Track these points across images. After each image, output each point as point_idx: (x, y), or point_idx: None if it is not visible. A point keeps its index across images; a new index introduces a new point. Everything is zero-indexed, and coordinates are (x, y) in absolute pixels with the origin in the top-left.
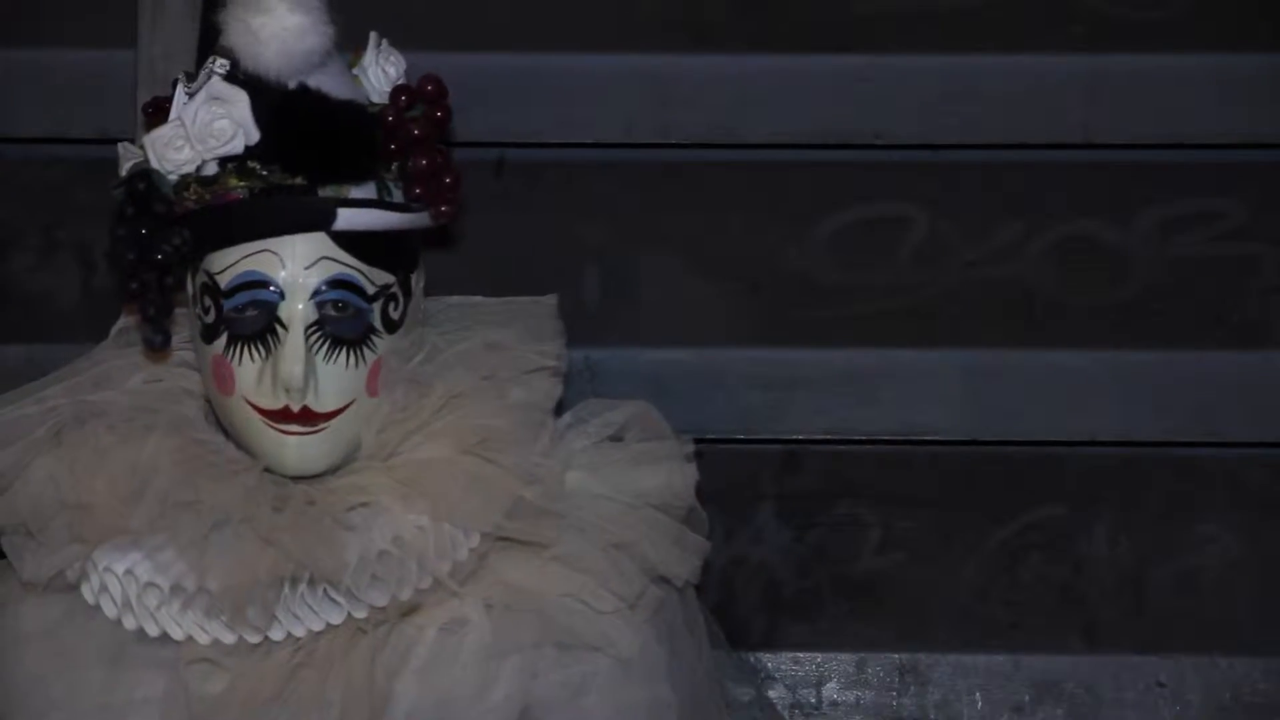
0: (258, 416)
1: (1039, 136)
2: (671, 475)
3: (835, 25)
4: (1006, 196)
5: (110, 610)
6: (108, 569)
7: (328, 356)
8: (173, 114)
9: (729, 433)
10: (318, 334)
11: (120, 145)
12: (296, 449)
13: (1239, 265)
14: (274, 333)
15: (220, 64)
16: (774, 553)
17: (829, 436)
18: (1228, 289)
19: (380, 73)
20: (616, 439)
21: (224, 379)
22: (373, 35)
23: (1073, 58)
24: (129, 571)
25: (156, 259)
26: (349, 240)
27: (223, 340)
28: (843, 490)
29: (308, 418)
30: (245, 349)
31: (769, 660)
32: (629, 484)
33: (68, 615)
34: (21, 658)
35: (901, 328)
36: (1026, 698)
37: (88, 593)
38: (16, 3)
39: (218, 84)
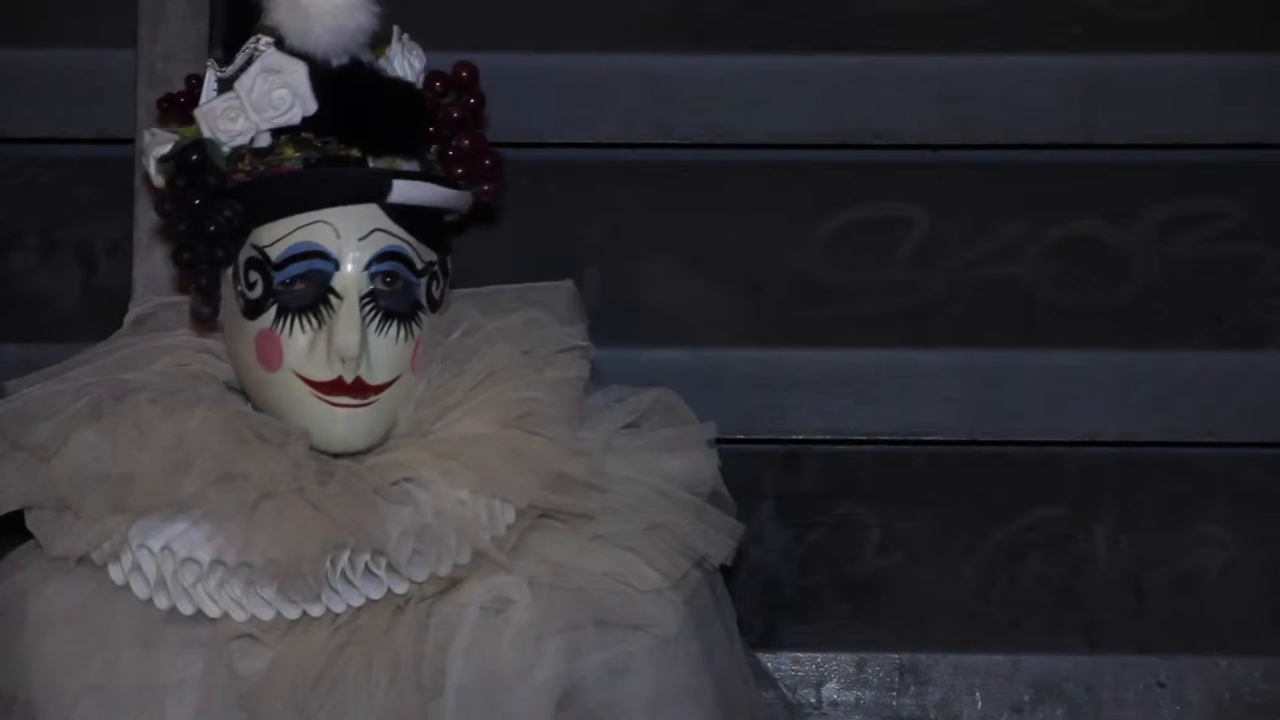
0: (307, 389)
1: (1039, 136)
2: (696, 460)
3: (835, 25)
4: (1006, 196)
5: (141, 590)
6: (142, 545)
7: (380, 328)
8: (203, 98)
9: (729, 433)
10: (371, 305)
11: (147, 132)
12: (346, 421)
13: (1239, 265)
14: (327, 303)
15: (265, 41)
16: (774, 553)
17: (829, 436)
18: (1228, 289)
19: (406, 64)
20: (636, 425)
21: (269, 353)
22: (395, 29)
23: (1073, 58)
24: (165, 547)
25: (209, 230)
26: (400, 214)
27: (271, 313)
28: (843, 490)
29: (360, 389)
30: (296, 321)
31: (769, 660)
32: (657, 468)
33: (95, 596)
34: (51, 639)
35: (901, 328)
36: (1026, 698)
37: (116, 573)
38: (16, 3)
39: (274, 55)
